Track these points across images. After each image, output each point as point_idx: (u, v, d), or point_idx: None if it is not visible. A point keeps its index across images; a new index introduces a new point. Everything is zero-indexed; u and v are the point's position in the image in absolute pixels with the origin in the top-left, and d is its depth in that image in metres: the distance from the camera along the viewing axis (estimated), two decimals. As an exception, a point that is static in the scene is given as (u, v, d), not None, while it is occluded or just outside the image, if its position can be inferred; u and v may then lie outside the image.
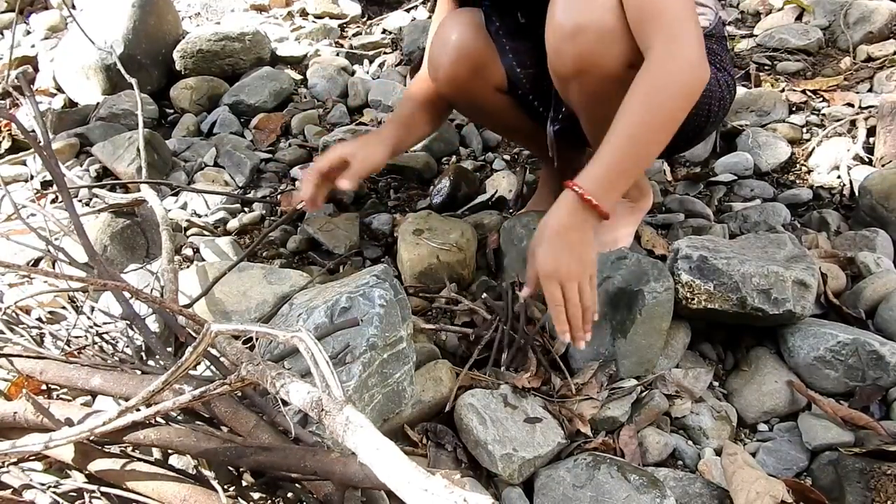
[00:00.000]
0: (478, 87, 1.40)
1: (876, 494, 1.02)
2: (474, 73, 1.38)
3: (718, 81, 1.34)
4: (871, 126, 1.85)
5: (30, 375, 1.14)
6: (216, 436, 0.94)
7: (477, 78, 1.39)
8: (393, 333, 1.07)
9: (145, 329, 1.15)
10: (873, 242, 1.48)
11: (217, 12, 2.93)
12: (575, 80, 1.20)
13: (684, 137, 1.40)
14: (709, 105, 1.33)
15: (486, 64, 1.38)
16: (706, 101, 1.32)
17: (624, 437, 1.13)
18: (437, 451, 1.07)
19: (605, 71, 1.16)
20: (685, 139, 1.42)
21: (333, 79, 2.37)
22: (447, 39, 1.37)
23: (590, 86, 1.19)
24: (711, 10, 1.38)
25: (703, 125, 1.37)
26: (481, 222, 1.61)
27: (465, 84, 1.39)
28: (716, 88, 1.33)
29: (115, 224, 1.54)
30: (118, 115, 2.13)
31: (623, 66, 1.15)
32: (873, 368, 1.18)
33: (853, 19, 2.33)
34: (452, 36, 1.36)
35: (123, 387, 1.06)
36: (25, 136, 1.34)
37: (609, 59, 1.14)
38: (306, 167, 1.83)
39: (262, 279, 1.31)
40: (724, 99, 1.36)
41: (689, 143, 1.49)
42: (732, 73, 1.41)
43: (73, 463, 1.00)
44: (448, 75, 1.39)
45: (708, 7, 1.37)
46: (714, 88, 1.32)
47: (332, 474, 0.84)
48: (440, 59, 1.38)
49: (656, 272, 1.22)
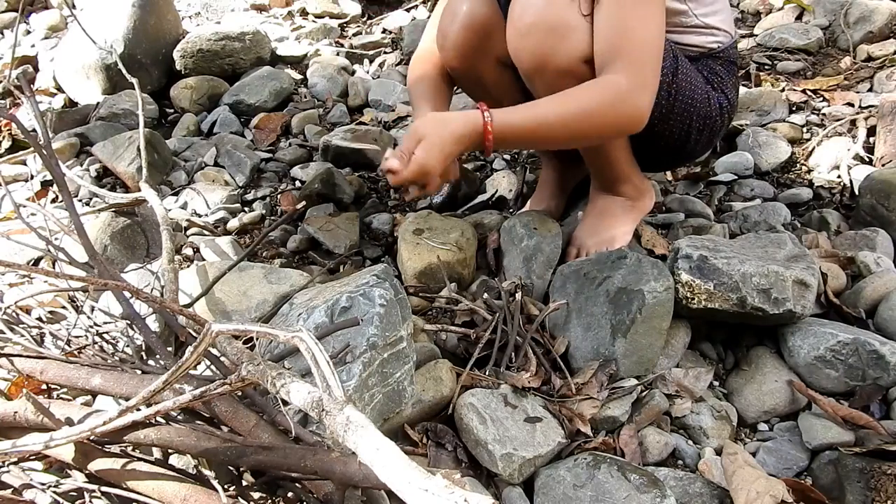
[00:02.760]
0: (482, 57, 1.41)
1: (876, 494, 1.02)
2: (480, 42, 1.39)
3: (709, 100, 1.36)
4: (871, 126, 1.85)
5: (30, 375, 1.14)
6: (216, 435, 0.94)
7: (482, 47, 1.39)
8: (393, 333, 1.07)
9: (145, 329, 1.15)
10: (873, 242, 1.48)
11: (217, 12, 2.93)
12: (535, 75, 1.25)
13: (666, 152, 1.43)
14: (689, 121, 1.35)
15: (492, 33, 1.38)
16: (685, 117, 1.34)
17: (624, 436, 1.13)
18: (437, 451, 1.07)
19: (560, 66, 1.21)
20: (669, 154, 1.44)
21: (333, 78, 2.38)
22: (458, 9, 1.38)
23: (549, 80, 1.23)
24: (726, 34, 1.40)
25: (684, 141, 1.39)
26: (481, 222, 1.61)
27: (470, 53, 1.40)
28: (702, 106, 1.35)
29: (116, 224, 1.54)
30: (118, 114, 2.13)
31: (577, 61, 1.20)
32: (873, 368, 1.18)
33: (853, 19, 2.33)
34: (463, 6, 1.37)
35: (124, 386, 1.06)
36: (26, 136, 1.34)
37: (562, 54, 1.19)
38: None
39: (262, 279, 1.31)
40: (711, 118, 1.38)
41: (676, 159, 1.52)
42: (731, 98, 1.42)
43: (73, 462, 1.00)
44: (455, 43, 1.40)
45: (724, 31, 1.39)
46: (700, 106, 1.34)
47: (333, 474, 0.84)
48: (449, 28, 1.39)
49: (656, 272, 1.22)
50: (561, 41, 1.18)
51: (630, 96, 1.15)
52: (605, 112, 1.16)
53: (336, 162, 1.94)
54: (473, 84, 1.52)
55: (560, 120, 1.17)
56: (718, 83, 1.38)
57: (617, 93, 1.15)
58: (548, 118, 1.17)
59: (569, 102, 1.17)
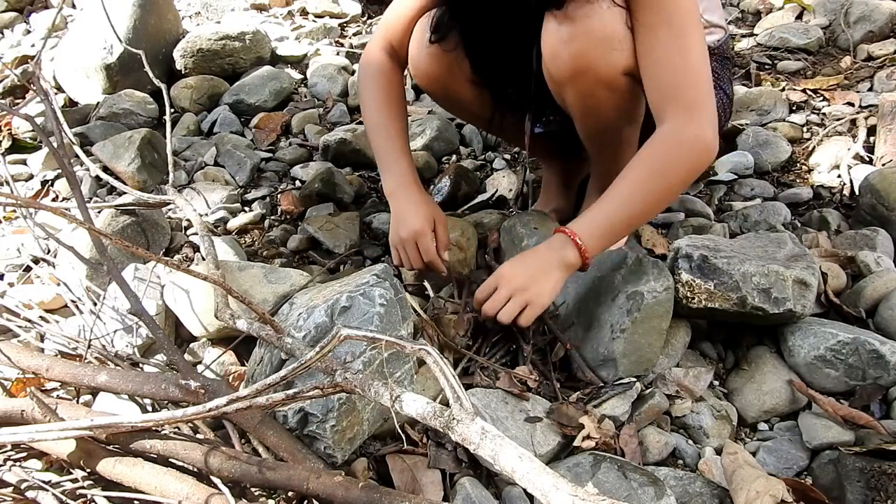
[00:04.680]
0: (455, 80, 1.40)
1: (876, 494, 1.02)
2: (450, 66, 1.37)
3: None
4: (871, 125, 1.85)
5: (35, 372, 1.14)
6: (221, 451, 0.95)
7: (452, 71, 1.38)
8: (393, 332, 1.07)
9: (153, 325, 1.15)
10: (873, 241, 1.48)
11: (217, 11, 2.92)
12: (570, 83, 1.21)
13: None
14: None
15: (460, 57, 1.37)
16: None
17: (624, 436, 1.13)
18: (437, 451, 1.07)
19: (601, 74, 1.17)
20: None
21: (334, 78, 2.37)
22: (423, 37, 1.37)
23: (584, 89, 1.21)
24: (720, 29, 1.40)
25: None
26: (481, 221, 1.61)
27: (443, 77, 1.39)
28: None
29: (116, 223, 1.53)
30: (118, 114, 2.13)
31: (617, 72, 1.17)
32: (873, 367, 1.18)
33: (853, 18, 2.33)
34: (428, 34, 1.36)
35: (130, 383, 1.07)
36: (40, 135, 1.35)
37: (604, 63, 1.16)
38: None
39: (262, 278, 1.31)
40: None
41: None
42: (729, 92, 1.42)
43: (76, 461, 1.00)
44: (427, 71, 1.39)
45: (719, 27, 1.39)
46: None
47: (335, 497, 0.87)
48: (419, 56, 1.38)
49: (656, 271, 1.22)
50: (607, 51, 1.14)
51: (696, 138, 1.11)
52: (681, 164, 1.12)
53: (336, 161, 1.95)
54: (450, 103, 1.53)
55: (644, 197, 1.13)
56: (716, 80, 1.38)
57: (683, 141, 1.11)
58: (633, 200, 1.13)
59: (643, 175, 1.12)
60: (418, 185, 1.37)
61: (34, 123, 1.56)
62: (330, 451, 1.00)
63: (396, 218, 1.34)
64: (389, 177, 1.36)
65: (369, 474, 1.05)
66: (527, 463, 0.68)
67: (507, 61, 1.33)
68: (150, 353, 1.30)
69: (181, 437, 1.00)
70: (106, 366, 1.18)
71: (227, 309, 1.17)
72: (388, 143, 1.38)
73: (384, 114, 1.40)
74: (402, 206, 1.34)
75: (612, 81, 1.18)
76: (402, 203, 1.34)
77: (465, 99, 1.45)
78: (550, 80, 1.25)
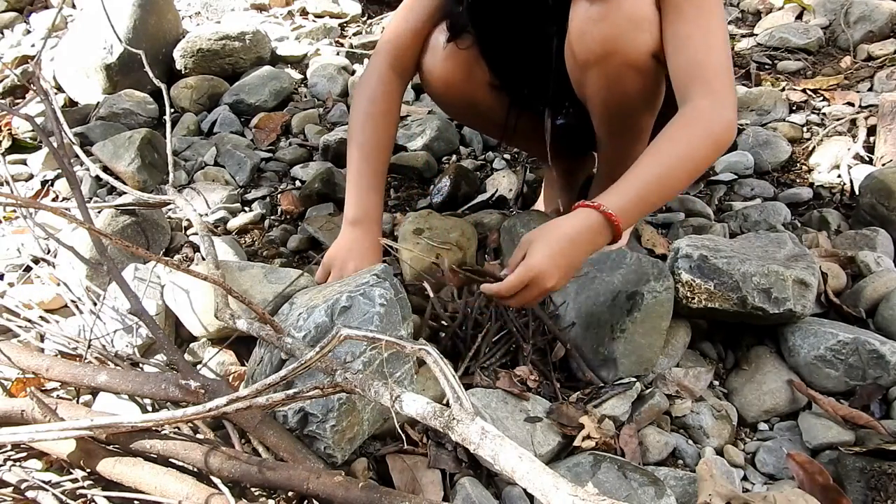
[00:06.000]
0: (472, 84, 1.40)
1: (876, 494, 1.02)
2: (468, 69, 1.37)
3: None
4: (871, 125, 1.85)
5: (35, 372, 1.14)
6: (221, 451, 0.95)
7: (471, 74, 1.38)
8: (393, 332, 1.07)
9: (153, 325, 1.15)
10: (874, 241, 1.48)
11: (217, 11, 2.92)
12: (596, 64, 1.21)
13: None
14: None
15: (477, 60, 1.37)
16: None
17: (624, 436, 1.13)
18: (437, 450, 1.07)
19: (629, 56, 1.17)
20: None
21: (334, 78, 2.37)
22: (437, 42, 1.36)
23: (611, 70, 1.20)
24: None
25: None
26: (481, 221, 1.61)
27: (460, 82, 1.39)
28: None
29: (116, 223, 1.53)
30: (118, 114, 2.13)
31: (645, 54, 1.17)
32: (873, 367, 1.18)
33: (854, 18, 2.33)
34: (441, 38, 1.36)
35: (130, 383, 1.07)
36: (40, 135, 1.35)
37: (633, 45, 1.16)
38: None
39: (262, 278, 1.31)
40: None
41: None
42: None
43: (76, 461, 1.00)
44: (443, 76, 1.38)
45: None
46: None
47: (335, 497, 0.87)
48: (433, 62, 1.38)
49: (656, 271, 1.22)
50: (637, 31, 1.15)
51: (718, 116, 1.11)
52: (707, 142, 1.11)
53: (336, 161, 1.95)
54: (465, 109, 1.51)
55: (669, 172, 1.10)
56: None
57: (706, 120, 1.11)
58: (660, 177, 1.10)
59: (668, 153, 1.10)
60: (380, 225, 1.36)
61: (34, 123, 1.56)
62: (330, 451, 1.00)
63: (347, 247, 1.31)
64: (357, 204, 1.34)
65: (369, 474, 1.05)
66: (527, 463, 0.68)
67: (524, 59, 1.33)
68: (150, 353, 1.30)
69: (181, 437, 1.00)
70: (106, 366, 1.18)
71: (227, 309, 1.17)
72: (365, 165, 1.35)
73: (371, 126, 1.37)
74: (358, 243, 1.32)
75: (639, 63, 1.18)
76: (359, 240, 1.32)
77: (480, 103, 1.44)
78: (573, 64, 1.25)
